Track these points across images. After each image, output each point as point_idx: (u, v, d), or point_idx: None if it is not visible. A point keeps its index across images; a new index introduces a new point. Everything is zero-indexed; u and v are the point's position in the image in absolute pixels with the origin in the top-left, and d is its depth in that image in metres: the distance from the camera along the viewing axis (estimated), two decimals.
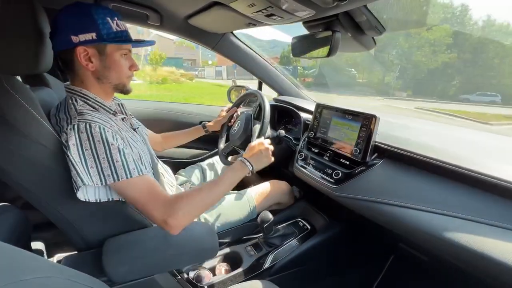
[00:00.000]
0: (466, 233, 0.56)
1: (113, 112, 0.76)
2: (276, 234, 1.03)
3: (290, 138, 1.25)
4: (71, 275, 0.37)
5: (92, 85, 0.73)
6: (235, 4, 0.82)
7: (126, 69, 0.75)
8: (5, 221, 0.82)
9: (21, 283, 0.28)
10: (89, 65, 0.69)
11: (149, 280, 0.72)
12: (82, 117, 0.65)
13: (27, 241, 0.89)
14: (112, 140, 0.64)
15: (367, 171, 0.83)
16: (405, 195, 0.70)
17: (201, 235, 0.75)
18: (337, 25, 0.86)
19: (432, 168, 0.70)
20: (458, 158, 0.66)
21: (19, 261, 0.31)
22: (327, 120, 1.02)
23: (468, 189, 0.62)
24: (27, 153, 0.60)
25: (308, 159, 1.06)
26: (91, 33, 0.66)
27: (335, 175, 0.89)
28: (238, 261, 0.98)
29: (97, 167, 0.62)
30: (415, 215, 0.65)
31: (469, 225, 0.57)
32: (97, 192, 0.66)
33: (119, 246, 0.69)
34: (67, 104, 0.70)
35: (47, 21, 0.68)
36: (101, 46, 0.69)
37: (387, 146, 0.82)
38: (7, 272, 0.28)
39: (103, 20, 0.67)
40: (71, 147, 0.61)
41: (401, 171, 0.77)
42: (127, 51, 0.74)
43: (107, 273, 0.64)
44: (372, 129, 0.83)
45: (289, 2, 0.71)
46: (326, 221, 1.11)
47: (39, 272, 0.32)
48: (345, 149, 0.91)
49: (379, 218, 0.75)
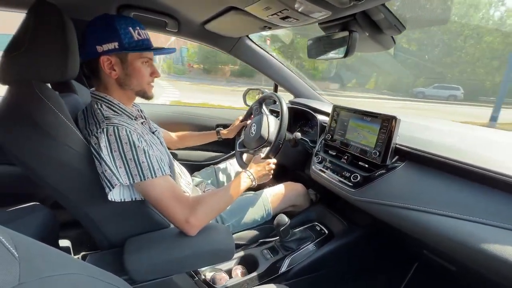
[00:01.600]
0: (498, 241, 0.52)
1: (134, 117, 0.80)
2: (293, 238, 1.02)
3: (306, 140, 1.23)
4: (95, 273, 0.38)
5: (116, 91, 0.77)
6: (251, 8, 0.83)
7: (147, 76, 0.79)
8: (35, 219, 0.87)
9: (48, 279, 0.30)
10: (112, 73, 0.74)
11: (167, 280, 0.73)
12: (109, 121, 0.69)
13: (55, 238, 0.94)
14: (138, 142, 0.68)
15: (387, 175, 0.80)
16: (429, 200, 0.67)
17: (218, 237, 0.76)
18: (354, 25, 0.85)
19: (458, 172, 0.66)
20: (492, 162, 0.62)
21: (46, 258, 0.33)
22: (345, 122, 1.00)
23: (498, 194, 0.58)
24: (56, 155, 0.64)
25: (325, 161, 1.04)
26: (113, 43, 0.70)
27: (353, 178, 0.87)
28: (254, 264, 0.98)
29: (125, 167, 0.66)
30: (441, 221, 0.62)
31: (502, 233, 0.53)
32: (122, 192, 0.70)
33: (140, 245, 0.71)
34: (93, 109, 0.74)
35: (74, 32, 0.72)
36: (123, 54, 0.73)
37: (409, 149, 0.78)
38: (36, 268, 0.29)
39: (125, 30, 0.71)
40: (103, 148, 0.65)
41: (425, 174, 0.73)
42: (148, 58, 0.78)
43: (128, 272, 0.66)
44: (392, 131, 0.80)
45: (304, 4, 0.70)
46: (344, 226, 1.08)
47: (64, 269, 0.33)
48: (363, 152, 0.89)
49: (401, 224, 0.72)
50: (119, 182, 0.65)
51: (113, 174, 0.65)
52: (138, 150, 0.67)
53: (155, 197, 0.69)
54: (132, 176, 0.66)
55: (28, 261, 0.28)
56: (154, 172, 0.68)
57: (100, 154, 0.65)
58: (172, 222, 0.72)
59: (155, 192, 0.69)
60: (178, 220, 0.70)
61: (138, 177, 0.66)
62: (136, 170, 0.66)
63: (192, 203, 0.72)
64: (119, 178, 0.65)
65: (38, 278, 0.28)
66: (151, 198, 0.70)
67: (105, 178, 0.65)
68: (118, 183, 0.65)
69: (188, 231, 0.70)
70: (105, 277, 0.39)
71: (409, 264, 1.11)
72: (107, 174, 0.65)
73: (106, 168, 0.65)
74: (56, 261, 0.34)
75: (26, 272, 0.27)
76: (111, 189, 0.65)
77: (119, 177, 0.65)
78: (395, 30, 0.86)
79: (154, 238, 0.74)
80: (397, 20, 0.83)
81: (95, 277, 0.37)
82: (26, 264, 0.28)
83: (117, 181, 0.65)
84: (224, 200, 0.80)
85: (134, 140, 0.67)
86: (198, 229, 0.72)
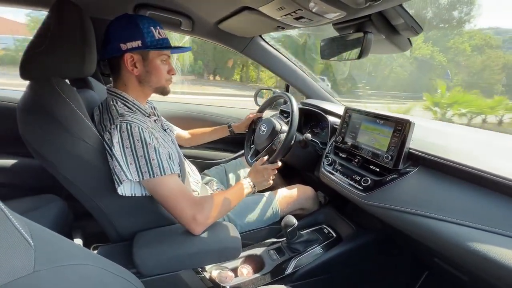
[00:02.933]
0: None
1: (148, 115, 0.81)
2: (300, 240, 1.01)
3: (316, 142, 1.22)
4: (105, 265, 0.39)
5: (134, 88, 0.80)
6: (264, 8, 0.83)
7: (165, 73, 0.81)
8: (50, 210, 0.90)
9: (61, 268, 0.31)
10: (134, 70, 0.76)
11: (174, 275, 0.74)
12: (123, 118, 0.71)
13: (69, 229, 0.97)
14: (149, 140, 0.69)
15: (399, 179, 0.78)
16: (442, 207, 0.64)
17: (225, 235, 0.77)
18: (370, 26, 0.83)
19: (474, 179, 0.64)
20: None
21: (60, 247, 0.34)
22: (357, 124, 0.98)
23: None
24: (71, 148, 0.66)
25: (335, 164, 1.02)
26: (137, 41, 0.73)
27: (364, 182, 0.85)
28: (260, 264, 0.98)
29: (135, 163, 0.68)
30: (454, 229, 0.59)
31: None
32: (133, 187, 0.72)
33: (149, 240, 0.72)
34: (108, 105, 0.77)
35: (92, 30, 0.75)
36: (144, 52, 0.76)
37: (423, 154, 0.76)
38: (50, 257, 0.30)
39: (148, 29, 0.74)
40: (115, 145, 0.67)
41: (439, 181, 0.71)
42: (167, 56, 0.80)
43: (136, 266, 0.68)
44: (405, 135, 0.78)
45: (318, 4, 0.70)
46: (353, 230, 1.06)
47: (77, 259, 0.34)
48: (375, 155, 0.87)
49: (412, 231, 0.70)
50: (127, 178, 0.67)
51: (121, 170, 0.66)
52: (149, 147, 0.69)
53: (162, 194, 0.71)
54: (142, 173, 0.68)
55: (43, 249, 0.29)
56: (164, 170, 0.69)
57: (112, 149, 0.67)
58: (178, 220, 0.73)
59: (163, 189, 0.70)
60: (184, 218, 0.71)
61: (148, 174, 0.68)
62: (146, 167, 0.68)
63: (200, 201, 0.73)
64: (128, 174, 0.67)
65: (52, 267, 0.29)
66: (159, 195, 0.71)
67: (115, 173, 0.67)
68: (126, 179, 0.67)
69: (194, 230, 0.72)
70: (115, 270, 0.40)
71: (419, 272, 1.08)
72: (116, 170, 0.67)
73: (116, 163, 0.67)
74: (69, 251, 0.35)
75: (41, 260, 0.28)
76: (120, 184, 0.67)
77: (128, 174, 0.67)
78: (412, 31, 0.83)
79: (163, 233, 0.75)
80: (415, 21, 0.80)
81: (106, 269, 0.38)
82: (41, 253, 0.29)
83: (125, 177, 0.66)
84: (229, 200, 0.81)
85: (146, 137, 0.69)
86: (203, 228, 0.73)
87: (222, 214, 0.79)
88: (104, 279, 0.37)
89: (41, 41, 0.64)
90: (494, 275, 0.55)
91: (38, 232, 0.31)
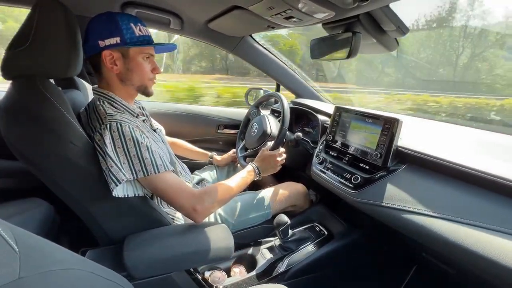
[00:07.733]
0: (499, 246, 0.52)
1: (136, 115, 0.80)
2: (292, 238, 1.02)
3: (307, 141, 1.23)
4: (94, 269, 0.38)
5: (117, 87, 0.78)
6: (254, 7, 0.83)
7: (148, 72, 0.79)
8: (35, 214, 0.88)
9: (48, 274, 0.30)
10: (114, 68, 0.74)
11: (166, 277, 0.73)
12: (112, 117, 0.69)
13: (55, 233, 0.94)
14: (141, 139, 0.69)
15: (388, 177, 0.80)
16: (430, 203, 0.66)
17: (218, 235, 0.76)
18: (358, 26, 0.84)
19: (460, 175, 0.66)
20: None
21: (46, 252, 0.33)
22: (346, 123, 1.00)
23: (500, 198, 0.58)
24: (58, 150, 0.64)
25: (326, 162, 1.03)
26: (115, 38, 0.71)
27: (354, 179, 0.87)
28: (253, 263, 0.98)
29: (129, 163, 0.67)
30: (441, 224, 0.61)
31: (502, 237, 0.53)
32: (125, 188, 0.70)
33: (139, 242, 0.71)
34: (95, 105, 0.75)
35: (78, 29, 0.73)
36: (124, 49, 0.74)
37: (410, 151, 0.78)
38: (35, 263, 0.29)
39: (127, 26, 0.72)
40: (108, 145, 0.66)
41: (426, 177, 0.73)
42: (149, 54, 0.78)
43: (127, 268, 0.66)
44: (394, 133, 0.80)
45: (308, 4, 0.70)
46: (344, 227, 1.07)
47: (65, 264, 0.33)
48: (364, 153, 0.88)
49: (401, 226, 0.72)
50: (125, 178, 0.66)
51: (119, 170, 0.65)
52: (141, 146, 0.68)
53: (161, 189, 0.71)
54: (136, 172, 0.67)
55: (28, 255, 0.28)
56: (157, 167, 0.69)
57: (106, 150, 0.65)
58: (179, 210, 0.75)
59: (161, 185, 0.71)
60: (185, 208, 0.73)
61: (142, 173, 0.67)
62: (139, 166, 0.67)
63: (198, 192, 0.75)
64: (124, 174, 0.66)
65: (38, 273, 0.29)
66: (158, 190, 0.72)
67: (110, 174, 0.65)
68: (125, 179, 0.66)
69: (196, 219, 0.74)
70: (105, 274, 0.40)
71: (408, 266, 1.11)
72: (113, 170, 0.65)
73: (112, 164, 0.65)
74: (56, 256, 0.34)
75: (26, 267, 0.27)
76: (117, 185, 0.65)
77: (121, 173, 0.66)
78: (399, 32, 0.85)
79: (154, 235, 0.74)
80: (401, 22, 0.82)
81: (95, 273, 0.37)
82: (26, 259, 0.28)
83: (124, 177, 0.66)
84: (228, 191, 0.82)
85: (137, 136, 0.68)
86: (205, 216, 0.75)
87: (225, 201, 0.82)
88: (94, 284, 0.37)
89: (24, 39, 0.62)
90: (479, 268, 0.57)
91: (22, 237, 0.30)
